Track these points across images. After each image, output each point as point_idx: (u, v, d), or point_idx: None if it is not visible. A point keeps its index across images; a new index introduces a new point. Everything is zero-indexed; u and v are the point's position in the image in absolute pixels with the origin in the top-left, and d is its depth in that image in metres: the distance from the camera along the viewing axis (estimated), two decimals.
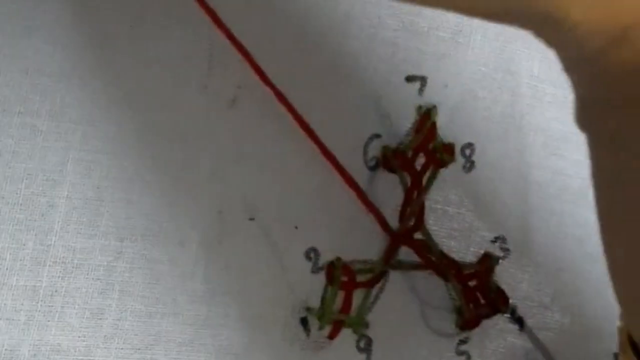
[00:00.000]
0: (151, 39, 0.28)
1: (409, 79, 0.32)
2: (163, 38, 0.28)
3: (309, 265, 0.31)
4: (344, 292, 0.31)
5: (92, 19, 0.28)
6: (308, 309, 0.31)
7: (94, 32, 0.28)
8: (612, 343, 0.34)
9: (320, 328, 0.31)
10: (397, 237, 0.32)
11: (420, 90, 0.32)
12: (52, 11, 0.27)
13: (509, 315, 0.33)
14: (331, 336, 0.31)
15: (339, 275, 0.31)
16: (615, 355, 0.34)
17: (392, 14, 0.31)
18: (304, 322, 0.30)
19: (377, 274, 0.31)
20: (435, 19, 0.32)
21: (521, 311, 0.33)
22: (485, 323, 0.33)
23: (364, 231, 0.31)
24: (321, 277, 0.31)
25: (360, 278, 0.31)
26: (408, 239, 0.32)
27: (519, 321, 0.33)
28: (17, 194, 0.27)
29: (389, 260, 0.32)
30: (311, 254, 0.31)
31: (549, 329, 0.34)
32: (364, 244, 0.31)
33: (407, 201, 0.32)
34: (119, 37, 0.28)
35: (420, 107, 0.32)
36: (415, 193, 0.32)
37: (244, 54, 0.28)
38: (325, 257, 0.31)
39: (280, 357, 0.30)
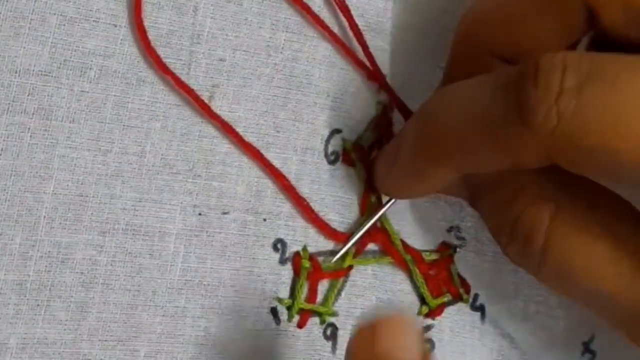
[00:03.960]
0: None
1: (370, 77, 0.36)
2: None
3: (277, 256, 0.34)
4: (309, 283, 0.35)
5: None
6: (278, 299, 0.34)
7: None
8: (580, 330, 0.39)
9: (289, 318, 0.34)
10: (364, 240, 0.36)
11: (380, 88, 0.36)
12: (41, 12, 0.30)
13: (470, 303, 0.37)
14: (300, 325, 0.35)
15: (306, 265, 0.34)
16: (584, 344, 0.39)
17: (360, 15, 0.35)
18: (273, 312, 0.34)
19: (345, 266, 0.35)
20: (401, 19, 0.36)
21: (483, 299, 0.37)
22: (448, 311, 0.37)
23: (331, 221, 0.35)
24: (289, 268, 0.35)
25: (327, 268, 0.35)
26: (374, 235, 0.36)
27: (481, 309, 0.38)
28: (5, 190, 0.30)
29: (356, 255, 0.36)
30: (278, 245, 0.34)
31: (513, 317, 0.38)
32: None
33: (367, 192, 0.36)
34: None
35: (378, 104, 0.36)
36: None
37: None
38: (293, 249, 0.35)
39: (252, 347, 0.34)
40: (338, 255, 0.35)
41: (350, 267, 0.35)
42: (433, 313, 0.37)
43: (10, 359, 0.30)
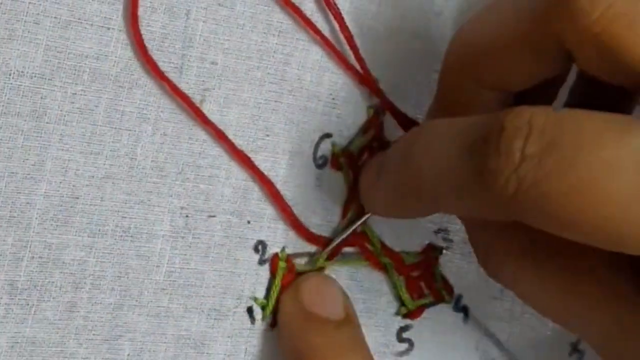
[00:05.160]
0: None
1: (361, 81, 0.38)
2: None
3: (257, 257, 0.37)
4: (282, 284, 0.37)
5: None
6: (254, 299, 0.37)
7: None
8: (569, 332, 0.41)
9: (264, 317, 0.37)
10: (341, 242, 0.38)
11: (371, 92, 0.38)
12: (35, 14, 0.32)
13: (453, 305, 0.40)
14: (272, 325, 0.37)
15: (283, 267, 0.37)
16: (572, 344, 0.42)
17: (352, 19, 0.37)
18: (249, 311, 0.37)
19: (318, 268, 0.38)
20: (393, 23, 0.38)
21: (468, 301, 0.40)
22: (429, 312, 0.39)
23: (311, 224, 0.37)
24: (267, 269, 0.37)
25: (300, 271, 0.37)
26: (351, 240, 0.38)
27: (464, 310, 0.40)
28: None
29: (332, 257, 0.38)
30: (259, 246, 0.37)
31: (500, 318, 0.40)
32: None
33: (350, 197, 0.39)
34: None
35: (370, 108, 0.38)
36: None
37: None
38: (273, 250, 0.37)
39: (230, 346, 0.36)
40: (316, 256, 0.37)
41: (322, 269, 0.38)
42: (412, 314, 0.39)
43: (0, 358, 0.32)
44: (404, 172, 0.33)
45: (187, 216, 0.35)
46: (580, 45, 0.29)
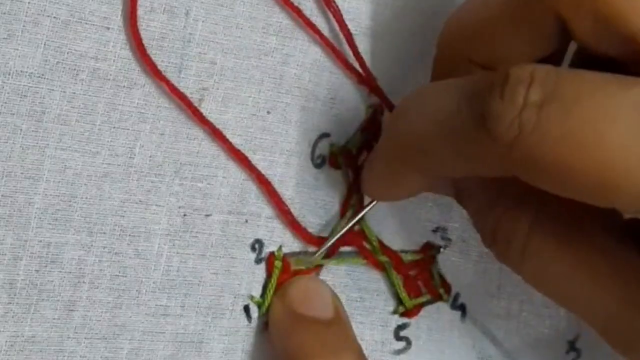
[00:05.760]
0: None
1: (360, 81, 0.38)
2: None
3: (253, 256, 0.37)
4: (278, 282, 0.37)
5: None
6: (251, 298, 0.37)
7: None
8: (566, 329, 0.42)
9: (260, 316, 0.37)
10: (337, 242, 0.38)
11: (370, 91, 0.39)
12: (34, 14, 0.32)
13: (450, 303, 0.40)
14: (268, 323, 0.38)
15: (278, 266, 0.37)
16: (569, 342, 0.42)
17: (351, 19, 0.38)
18: (246, 310, 0.37)
19: (314, 267, 0.38)
20: (392, 22, 0.38)
21: (466, 299, 0.40)
22: (427, 310, 0.40)
23: (309, 224, 0.38)
24: (264, 267, 0.37)
25: (295, 269, 0.38)
26: (348, 239, 0.38)
27: (461, 308, 0.41)
28: None
29: (329, 256, 0.38)
30: (256, 245, 0.37)
31: (497, 316, 0.41)
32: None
33: (349, 196, 0.39)
34: None
35: (369, 107, 0.39)
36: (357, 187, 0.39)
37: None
38: (270, 248, 0.37)
39: (227, 344, 0.37)
40: (313, 257, 0.38)
41: (319, 267, 0.38)
42: (410, 313, 0.40)
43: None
44: (397, 139, 0.33)
45: (184, 215, 0.36)
46: (576, 15, 0.30)
